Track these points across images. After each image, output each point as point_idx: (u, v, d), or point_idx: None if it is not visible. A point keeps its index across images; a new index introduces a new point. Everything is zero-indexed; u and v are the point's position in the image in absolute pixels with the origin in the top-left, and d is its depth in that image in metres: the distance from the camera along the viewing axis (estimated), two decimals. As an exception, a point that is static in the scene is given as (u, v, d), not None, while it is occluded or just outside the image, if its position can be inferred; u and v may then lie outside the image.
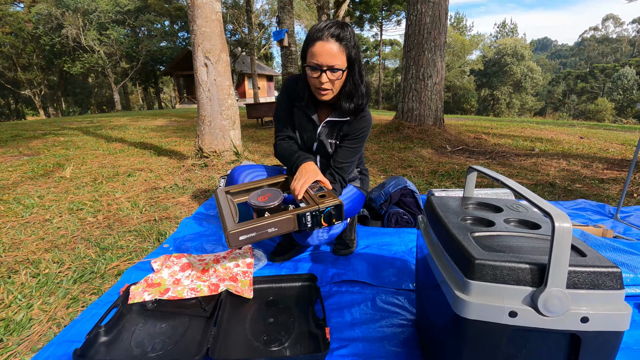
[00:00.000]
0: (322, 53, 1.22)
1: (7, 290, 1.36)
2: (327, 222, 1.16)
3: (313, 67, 1.24)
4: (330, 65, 1.23)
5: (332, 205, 1.15)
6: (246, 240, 1.08)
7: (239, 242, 1.07)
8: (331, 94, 1.32)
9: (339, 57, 1.23)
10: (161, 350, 1.02)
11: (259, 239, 1.10)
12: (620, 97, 32.49)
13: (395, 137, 5.08)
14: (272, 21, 25.74)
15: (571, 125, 8.53)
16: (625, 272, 1.30)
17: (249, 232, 1.07)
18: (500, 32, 42.25)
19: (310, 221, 1.15)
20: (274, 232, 1.11)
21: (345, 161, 1.43)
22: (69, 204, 2.34)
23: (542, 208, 0.63)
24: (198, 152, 3.50)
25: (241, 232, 1.06)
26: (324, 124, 1.43)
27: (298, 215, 1.13)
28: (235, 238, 1.06)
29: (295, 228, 1.14)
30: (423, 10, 5.03)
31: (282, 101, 1.48)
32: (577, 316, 0.61)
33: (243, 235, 1.07)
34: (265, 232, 1.10)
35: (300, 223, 1.14)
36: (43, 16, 21.49)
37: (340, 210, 1.17)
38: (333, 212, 1.16)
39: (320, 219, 1.15)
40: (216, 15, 3.28)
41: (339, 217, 1.18)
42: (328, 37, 1.21)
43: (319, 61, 1.23)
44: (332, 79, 1.26)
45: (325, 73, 1.24)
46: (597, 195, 2.58)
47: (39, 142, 5.05)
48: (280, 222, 1.11)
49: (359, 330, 1.12)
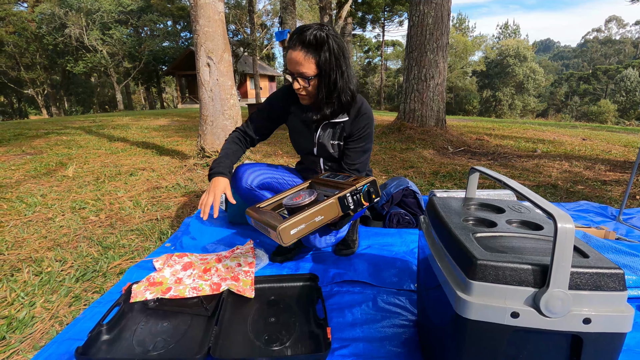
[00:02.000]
0: (290, 60, 1.25)
1: (10, 288, 1.37)
2: (367, 200, 1.16)
3: (289, 73, 1.29)
4: (300, 72, 1.25)
5: (368, 182, 1.16)
6: (297, 233, 1.05)
7: (291, 236, 1.03)
8: (307, 98, 1.34)
9: (306, 64, 1.24)
10: (163, 348, 1.03)
11: (308, 231, 1.08)
12: (623, 99, 32.36)
13: (397, 138, 5.07)
14: (274, 21, 25.79)
15: (573, 127, 8.50)
16: (628, 273, 1.29)
17: (299, 225, 1.04)
18: (503, 33, 42.18)
19: (352, 202, 1.14)
20: (321, 221, 1.10)
21: (356, 162, 1.44)
22: (71, 203, 2.35)
23: (545, 209, 0.63)
24: (200, 152, 3.51)
25: (291, 226, 1.03)
26: (322, 127, 1.44)
27: (339, 198, 1.12)
28: (286, 233, 1.02)
29: (340, 213, 1.13)
30: (425, 11, 5.02)
31: (265, 106, 1.50)
32: (579, 317, 0.61)
33: (293, 228, 1.04)
34: (313, 222, 1.07)
35: (343, 206, 1.13)
36: (46, 16, 21.57)
37: (376, 186, 1.18)
38: (371, 188, 1.16)
39: (360, 198, 1.15)
40: (219, 16, 3.29)
41: (377, 194, 1.19)
42: (296, 45, 1.23)
43: (290, 68, 1.27)
44: (303, 85, 1.28)
45: (296, 80, 1.27)
46: (600, 197, 2.58)
47: (42, 141, 5.07)
48: (324, 209, 1.10)
49: (360, 330, 1.12)
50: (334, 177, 1.30)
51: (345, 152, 1.45)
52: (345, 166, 1.46)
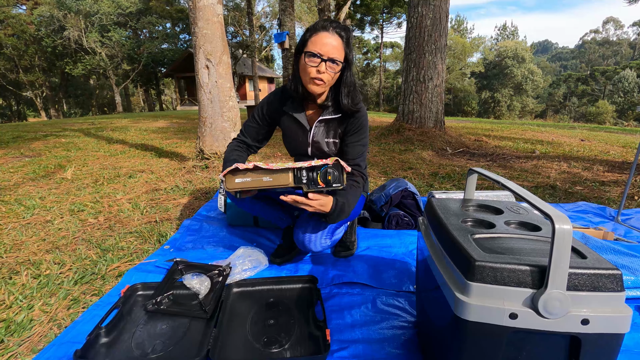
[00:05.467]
0: (326, 43, 1.24)
1: (8, 291, 1.37)
2: (323, 180, 1.15)
3: (313, 55, 1.24)
4: (332, 57, 1.25)
5: (330, 164, 1.14)
6: (241, 183, 1.11)
7: (235, 184, 1.11)
8: (324, 86, 1.31)
9: (340, 51, 1.26)
10: (161, 351, 1.03)
11: (253, 186, 1.13)
12: (621, 100, 32.46)
13: (396, 139, 5.08)
14: (273, 23, 25.83)
15: (572, 128, 8.53)
16: (626, 274, 1.30)
17: (245, 177, 1.11)
18: (501, 35, 42.35)
19: (305, 177, 1.14)
20: (269, 182, 1.13)
21: (357, 156, 1.44)
22: (70, 205, 2.35)
23: (543, 210, 0.63)
24: (199, 154, 3.51)
25: (237, 175, 1.11)
26: (317, 124, 1.42)
27: (294, 170, 1.14)
28: (231, 180, 1.10)
29: (291, 183, 1.14)
30: (424, 13, 5.04)
31: (257, 113, 1.50)
32: (577, 318, 0.61)
33: (239, 178, 1.11)
34: (259, 180, 1.13)
35: (295, 177, 1.14)
36: (45, 18, 21.57)
37: (341, 171, 1.16)
38: (330, 170, 1.14)
39: (317, 177, 1.14)
40: (217, 18, 3.29)
41: (338, 180, 1.16)
42: (334, 31, 1.25)
43: (322, 50, 1.24)
44: (330, 70, 1.27)
45: (325, 62, 1.25)
46: (598, 197, 2.58)
47: (41, 144, 5.06)
48: (275, 173, 1.13)
49: (359, 332, 1.12)
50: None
51: (344, 149, 1.44)
52: (347, 163, 1.46)
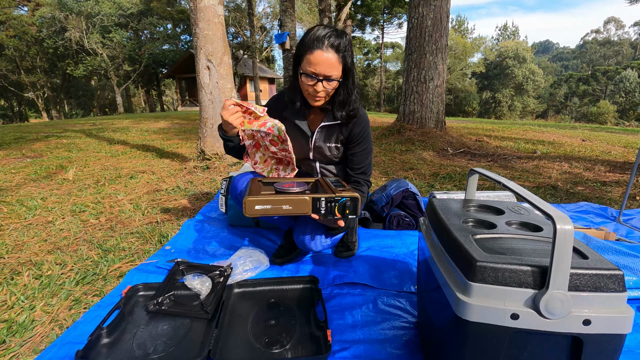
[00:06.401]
0: (320, 63, 1.20)
1: (10, 291, 1.37)
2: (340, 212, 1.16)
3: (309, 75, 1.23)
4: (328, 76, 1.23)
5: (349, 197, 1.16)
6: (261, 210, 1.11)
7: (254, 210, 1.11)
8: (324, 100, 1.33)
9: (336, 67, 1.23)
10: (163, 352, 1.03)
11: (272, 213, 1.13)
12: (622, 100, 32.40)
13: (397, 140, 5.08)
14: (274, 24, 25.86)
15: (573, 128, 8.51)
16: (628, 274, 1.29)
17: (265, 204, 1.11)
18: (502, 35, 42.34)
19: (324, 207, 1.16)
20: (288, 210, 1.13)
21: (362, 164, 1.45)
22: (71, 206, 2.35)
23: (544, 210, 0.63)
24: (200, 155, 3.51)
25: (258, 201, 1.10)
26: (319, 130, 1.43)
27: (314, 199, 1.14)
28: (251, 206, 1.10)
29: (309, 212, 1.15)
30: (425, 13, 5.04)
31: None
32: (579, 319, 0.61)
33: (259, 205, 1.11)
34: (279, 208, 1.13)
35: (314, 206, 1.15)
36: (47, 19, 21.65)
37: (357, 204, 1.18)
38: (348, 203, 1.16)
39: (334, 208, 1.16)
40: (218, 19, 3.30)
41: (354, 212, 1.18)
42: (328, 48, 1.20)
43: (317, 70, 1.22)
44: (327, 88, 1.26)
45: (321, 82, 1.24)
46: (600, 198, 2.58)
47: (42, 145, 5.08)
48: (295, 202, 1.13)
49: (360, 332, 1.12)
50: (335, 183, 1.31)
51: (350, 158, 1.45)
52: (351, 172, 1.47)
